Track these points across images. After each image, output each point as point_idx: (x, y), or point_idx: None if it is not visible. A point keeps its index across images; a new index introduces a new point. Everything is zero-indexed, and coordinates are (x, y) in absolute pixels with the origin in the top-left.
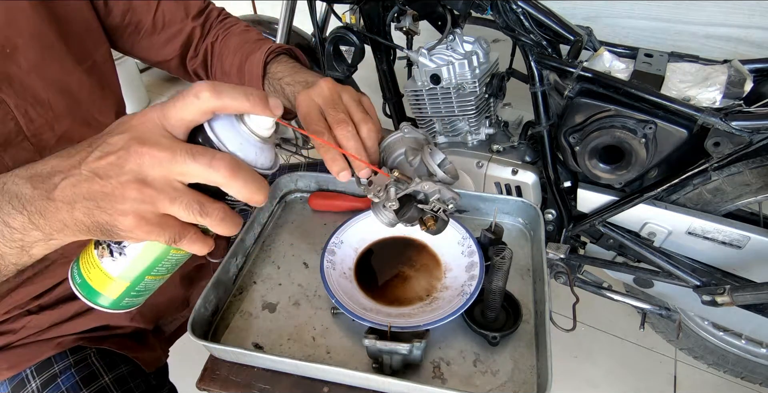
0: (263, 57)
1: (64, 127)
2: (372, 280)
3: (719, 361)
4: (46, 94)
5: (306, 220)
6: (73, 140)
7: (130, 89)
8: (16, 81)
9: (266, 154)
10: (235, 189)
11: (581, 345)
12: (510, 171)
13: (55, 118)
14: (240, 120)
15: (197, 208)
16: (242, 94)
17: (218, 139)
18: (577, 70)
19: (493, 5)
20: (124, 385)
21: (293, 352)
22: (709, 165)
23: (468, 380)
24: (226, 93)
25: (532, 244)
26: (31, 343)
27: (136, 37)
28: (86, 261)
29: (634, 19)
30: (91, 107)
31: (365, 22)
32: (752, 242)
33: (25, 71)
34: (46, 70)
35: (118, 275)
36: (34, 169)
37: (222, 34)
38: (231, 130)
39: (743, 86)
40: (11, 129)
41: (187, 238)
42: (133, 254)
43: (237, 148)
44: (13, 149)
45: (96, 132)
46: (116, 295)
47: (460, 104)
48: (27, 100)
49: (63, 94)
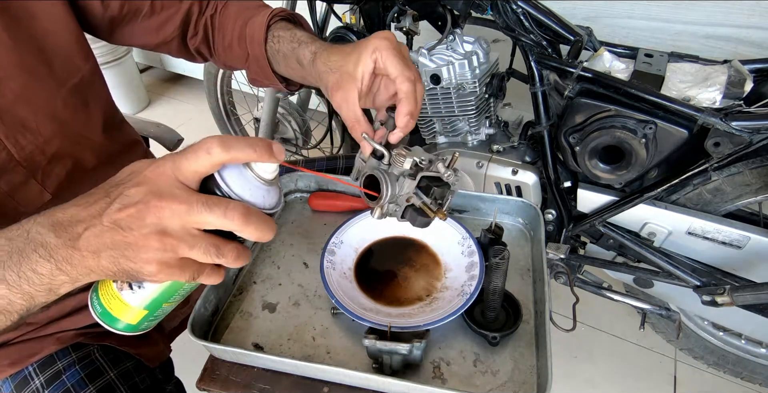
0: (265, 21)
1: (54, 149)
2: (372, 280)
3: (719, 361)
4: (35, 120)
5: (306, 220)
6: (64, 159)
7: (130, 89)
8: (3, 111)
9: (272, 194)
10: (247, 234)
11: (581, 345)
12: (510, 171)
13: (44, 141)
14: (247, 166)
15: (214, 251)
16: (249, 146)
17: (229, 188)
18: (577, 70)
19: (493, 5)
20: (129, 380)
21: (293, 352)
22: (709, 165)
23: (468, 380)
24: (234, 147)
25: (532, 244)
26: (31, 340)
27: (134, 23)
28: (106, 292)
29: (634, 19)
30: (78, 126)
31: (365, 22)
32: (752, 242)
33: (11, 101)
34: (32, 97)
35: (137, 305)
36: (55, 217)
37: (221, 4)
38: (240, 178)
39: (743, 86)
40: (3, 158)
41: (204, 275)
42: (151, 287)
43: (247, 194)
44: (7, 175)
45: (84, 149)
46: (136, 322)
47: (460, 104)
48: (16, 129)
49: (50, 117)
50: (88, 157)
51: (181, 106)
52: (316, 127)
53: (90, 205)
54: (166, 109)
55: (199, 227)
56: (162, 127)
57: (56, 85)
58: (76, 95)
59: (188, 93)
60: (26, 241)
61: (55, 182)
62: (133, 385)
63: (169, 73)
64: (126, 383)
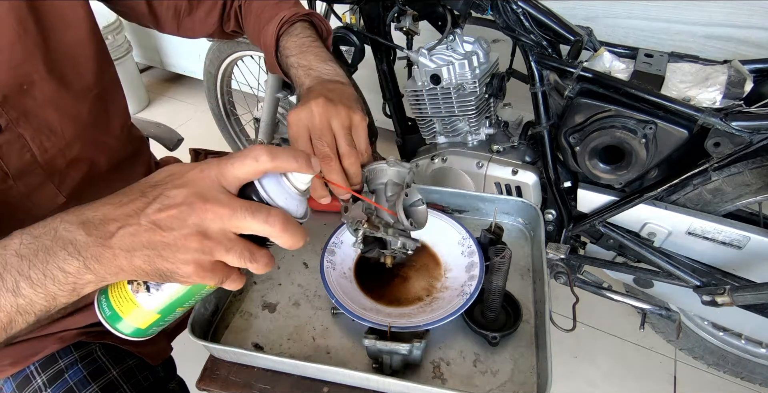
0: (275, 30)
1: (75, 152)
2: (372, 280)
3: (719, 361)
4: (60, 124)
5: (306, 220)
6: (81, 163)
7: (130, 89)
8: (32, 115)
9: (303, 204)
10: (282, 240)
11: (581, 345)
12: (510, 171)
13: (66, 145)
14: (284, 176)
15: (248, 255)
16: (292, 156)
17: (268, 196)
18: (577, 70)
19: (493, 5)
20: (132, 378)
21: (293, 352)
22: (709, 165)
23: (468, 380)
24: (280, 157)
25: (532, 245)
26: (32, 339)
27: (177, 21)
28: (118, 294)
29: (634, 20)
30: (98, 130)
31: (365, 22)
32: (752, 242)
33: (41, 105)
34: (60, 101)
35: (151, 308)
36: (84, 216)
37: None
38: (278, 186)
39: (743, 86)
40: (27, 160)
41: (230, 279)
42: (170, 290)
43: (283, 202)
44: (26, 177)
45: (101, 153)
46: (145, 326)
47: (460, 104)
48: (42, 132)
49: (74, 122)
50: (102, 160)
51: (181, 106)
52: None
53: (124, 204)
54: (166, 109)
55: (237, 232)
56: (162, 127)
57: (83, 91)
58: (99, 101)
59: (188, 93)
60: (54, 239)
61: (70, 186)
62: (136, 383)
63: (169, 73)
64: (129, 381)
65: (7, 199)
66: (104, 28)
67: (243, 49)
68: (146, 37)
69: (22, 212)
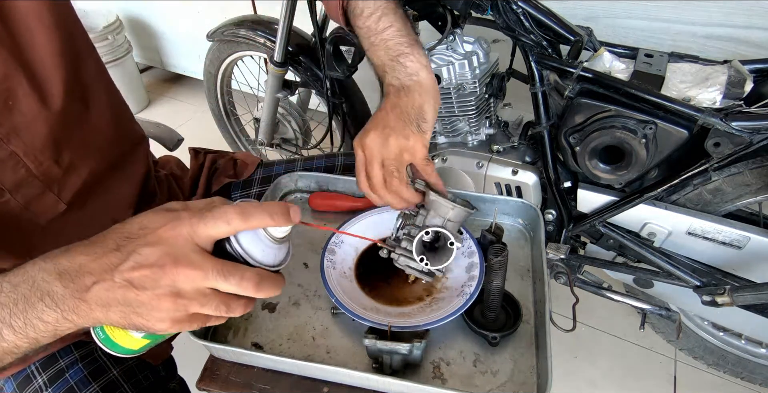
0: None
1: (68, 160)
2: (372, 279)
3: (719, 361)
4: (52, 135)
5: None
6: (79, 168)
7: (130, 89)
8: (23, 130)
9: (283, 251)
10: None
11: (581, 345)
12: (510, 171)
13: (58, 154)
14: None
15: (224, 308)
16: (267, 214)
17: (244, 251)
18: (578, 70)
19: (493, 5)
20: (132, 377)
21: (293, 352)
22: (710, 165)
23: (468, 380)
24: (253, 217)
25: (532, 245)
26: None
27: None
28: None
29: (634, 20)
30: (88, 133)
31: None
32: (752, 242)
33: (30, 119)
34: (47, 112)
35: (143, 336)
36: (61, 265)
37: None
38: (254, 239)
39: (743, 86)
40: (22, 175)
41: (210, 322)
42: None
43: (260, 255)
44: (23, 189)
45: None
46: (138, 348)
47: (460, 104)
48: (35, 147)
49: (65, 129)
50: (98, 163)
51: (181, 106)
52: (316, 127)
53: (99, 257)
54: (166, 109)
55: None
56: (162, 127)
57: (69, 95)
58: (86, 102)
59: (188, 93)
60: (32, 289)
61: (70, 193)
62: (137, 383)
63: (169, 73)
64: (129, 381)
65: (6, 210)
66: (104, 28)
67: (243, 49)
68: (146, 37)
69: (25, 220)
